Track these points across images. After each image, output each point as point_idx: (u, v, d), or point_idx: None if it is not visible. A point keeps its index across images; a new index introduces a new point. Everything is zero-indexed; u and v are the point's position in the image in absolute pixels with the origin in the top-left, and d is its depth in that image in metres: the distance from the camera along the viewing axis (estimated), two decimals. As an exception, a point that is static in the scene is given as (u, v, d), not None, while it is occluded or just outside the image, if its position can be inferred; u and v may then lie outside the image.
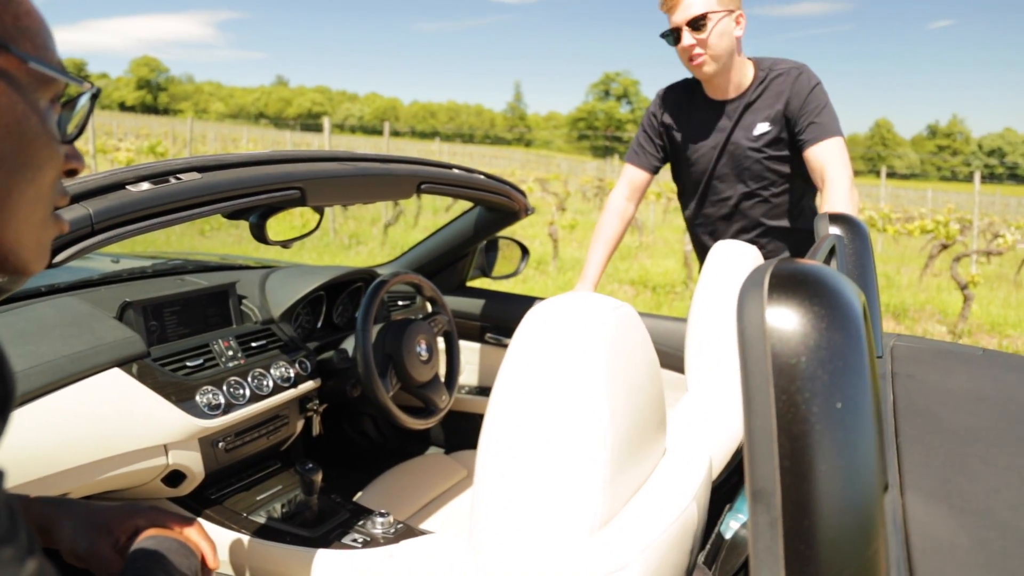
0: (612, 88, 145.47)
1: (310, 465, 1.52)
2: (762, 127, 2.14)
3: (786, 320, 0.52)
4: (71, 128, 0.62)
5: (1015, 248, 9.59)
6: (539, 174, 25.52)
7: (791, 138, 2.13)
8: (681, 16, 2.06)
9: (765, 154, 2.15)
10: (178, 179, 1.17)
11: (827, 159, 2.01)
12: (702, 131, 2.22)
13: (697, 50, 2.07)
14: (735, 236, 2.25)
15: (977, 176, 11.91)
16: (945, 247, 9.24)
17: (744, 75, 2.17)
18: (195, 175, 1.20)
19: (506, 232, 2.41)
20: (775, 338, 0.52)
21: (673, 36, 2.10)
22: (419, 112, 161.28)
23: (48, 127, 0.58)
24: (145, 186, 1.11)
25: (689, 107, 2.25)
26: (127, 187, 1.10)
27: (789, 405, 0.50)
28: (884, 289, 8.86)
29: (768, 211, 2.23)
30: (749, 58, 2.20)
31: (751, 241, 2.20)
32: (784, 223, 2.24)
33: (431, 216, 14.09)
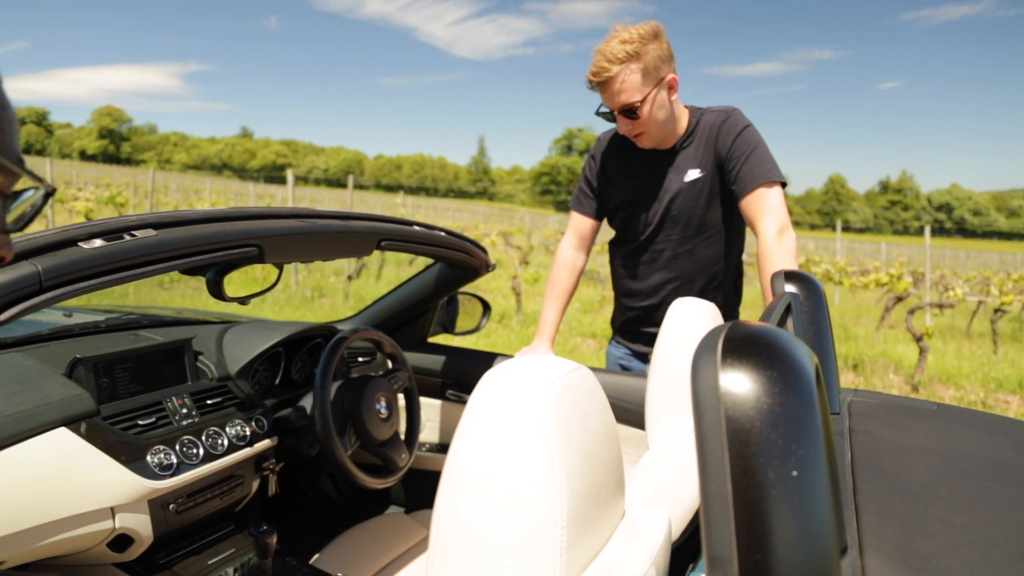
0: (575, 143, 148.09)
1: (264, 527, 1.48)
2: (693, 173, 2.09)
3: (740, 384, 0.52)
4: (11, 218, 0.61)
5: (966, 300, 9.85)
6: (502, 227, 25.71)
7: (724, 187, 2.07)
8: (612, 104, 2.00)
9: (695, 202, 2.10)
10: (132, 236, 1.15)
11: (755, 211, 1.96)
12: (636, 177, 2.18)
13: (635, 132, 2.04)
14: (660, 287, 2.20)
15: (927, 231, 12.27)
16: (900, 299, 9.46)
17: (681, 125, 2.12)
18: (150, 232, 1.18)
19: (469, 286, 2.41)
20: (729, 403, 0.51)
21: (609, 115, 2.05)
22: (384, 165, 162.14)
23: None
24: (98, 243, 1.09)
25: (627, 153, 2.20)
26: (79, 244, 1.08)
27: (744, 471, 0.50)
28: (842, 341, 9.00)
29: (693, 263, 2.16)
30: (685, 106, 2.15)
31: (675, 293, 2.15)
32: (707, 275, 2.18)
33: (395, 269, 14.06)
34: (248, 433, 1.67)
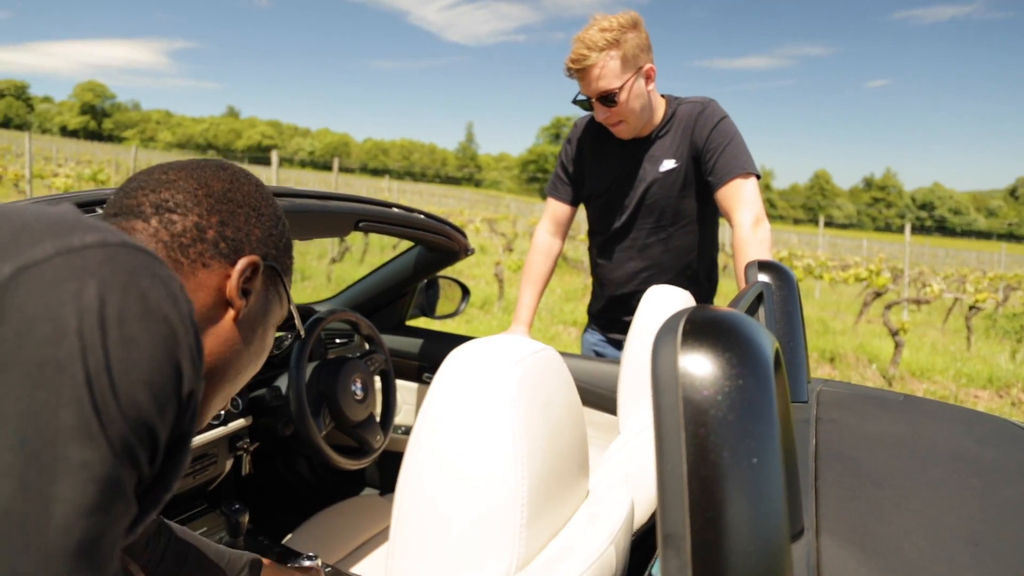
0: (562, 131, 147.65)
1: (236, 506, 1.48)
2: (668, 163, 2.10)
3: (698, 366, 0.53)
4: None
5: (942, 297, 9.97)
6: (488, 214, 25.66)
7: (699, 177, 2.09)
8: (590, 90, 2.01)
9: (670, 191, 2.11)
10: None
11: (731, 203, 1.97)
12: (611, 165, 2.18)
13: (612, 120, 2.05)
14: (633, 276, 2.22)
15: (908, 228, 12.40)
16: (879, 295, 9.55)
17: (657, 115, 2.13)
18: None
19: (451, 271, 2.40)
20: (687, 383, 0.52)
21: (586, 103, 2.06)
22: (371, 149, 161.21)
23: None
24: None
25: (603, 140, 2.20)
26: None
27: (700, 450, 0.51)
28: (820, 334, 9.09)
29: (667, 252, 2.18)
30: (662, 95, 2.16)
31: (648, 281, 2.14)
32: (680, 265, 2.19)
33: (379, 253, 14.00)
34: (222, 412, 1.66)
